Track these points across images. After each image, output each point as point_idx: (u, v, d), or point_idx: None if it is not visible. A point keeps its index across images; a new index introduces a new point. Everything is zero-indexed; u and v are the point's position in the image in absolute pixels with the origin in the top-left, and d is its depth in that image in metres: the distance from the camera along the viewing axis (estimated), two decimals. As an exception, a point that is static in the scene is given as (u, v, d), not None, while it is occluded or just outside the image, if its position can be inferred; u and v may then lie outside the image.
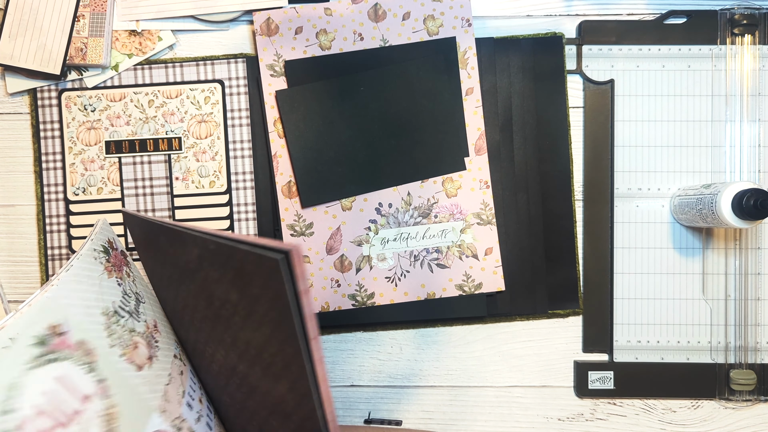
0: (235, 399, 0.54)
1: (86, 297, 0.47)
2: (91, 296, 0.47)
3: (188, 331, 0.56)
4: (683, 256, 0.64)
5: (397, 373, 0.64)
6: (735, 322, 0.63)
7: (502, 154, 0.63)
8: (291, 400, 0.44)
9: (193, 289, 0.50)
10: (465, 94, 0.62)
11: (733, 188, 0.55)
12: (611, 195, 0.64)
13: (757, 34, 0.63)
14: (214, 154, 0.64)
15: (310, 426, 0.43)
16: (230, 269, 0.42)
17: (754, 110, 0.63)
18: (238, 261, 0.40)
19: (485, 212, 0.62)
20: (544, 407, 0.64)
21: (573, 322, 0.64)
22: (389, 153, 0.62)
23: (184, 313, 0.55)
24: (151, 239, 0.54)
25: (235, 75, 0.64)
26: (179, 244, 0.49)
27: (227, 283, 0.44)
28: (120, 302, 0.51)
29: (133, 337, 0.51)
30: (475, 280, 0.62)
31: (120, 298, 0.51)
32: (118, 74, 0.64)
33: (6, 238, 0.65)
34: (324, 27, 0.62)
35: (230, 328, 0.48)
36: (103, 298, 0.49)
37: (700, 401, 0.64)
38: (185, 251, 0.48)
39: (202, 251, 0.45)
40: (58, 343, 0.42)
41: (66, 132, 0.64)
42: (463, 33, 0.62)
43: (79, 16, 0.62)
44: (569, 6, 0.65)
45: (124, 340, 0.49)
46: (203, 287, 0.48)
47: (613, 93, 0.64)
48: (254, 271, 0.39)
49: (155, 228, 0.51)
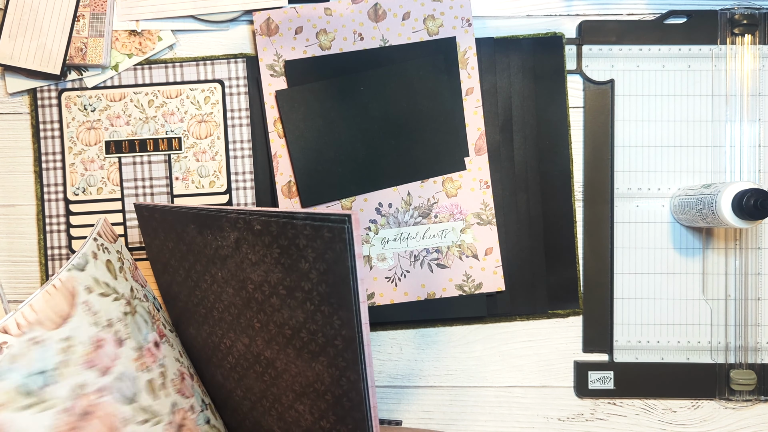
0: (253, 391, 0.54)
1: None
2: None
3: (201, 326, 0.56)
4: (683, 256, 0.64)
5: (397, 373, 0.64)
6: (735, 322, 0.63)
7: (502, 154, 0.63)
8: (327, 377, 0.46)
9: (220, 277, 0.51)
10: (465, 94, 0.62)
11: (733, 188, 0.55)
12: (611, 195, 0.64)
13: (757, 34, 0.63)
14: (214, 154, 0.64)
15: (346, 402, 0.45)
16: (276, 247, 0.44)
17: (754, 110, 0.63)
18: (288, 237, 0.43)
19: (485, 212, 0.62)
20: (544, 407, 0.64)
21: (573, 322, 0.64)
22: (389, 153, 0.62)
23: (201, 307, 0.55)
24: (174, 230, 0.54)
25: (235, 75, 0.64)
26: (215, 230, 0.49)
27: (269, 264, 0.45)
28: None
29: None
30: (475, 280, 0.62)
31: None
32: (118, 74, 0.64)
33: (6, 238, 0.65)
34: (324, 27, 0.62)
35: (262, 312, 0.49)
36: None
37: (700, 401, 0.64)
38: (221, 236, 0.49)
39: (243, 233, 0.46)
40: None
41: (66, 132, 0.64)
42: (463, 33, 0.62)
43: (79, 16, 0.62)
44: (569, 6, 0.65)
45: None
46: (235, 273, 0.49)
47: (613, 93, 0.64)
48: (307, 245, 0.42)
49: (184, 216, 0.52)
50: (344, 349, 0.44)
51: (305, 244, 0.43)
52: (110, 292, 0.50)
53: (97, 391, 0.46)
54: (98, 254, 0.51)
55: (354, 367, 0.43)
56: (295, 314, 0.46)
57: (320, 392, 0.47)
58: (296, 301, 0.45)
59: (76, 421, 0.45)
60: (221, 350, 0.55)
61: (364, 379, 0.43)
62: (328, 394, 0.47)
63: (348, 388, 0.45)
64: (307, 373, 0.47)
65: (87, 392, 0.46)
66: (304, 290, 0.44)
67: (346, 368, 0.44)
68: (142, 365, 0.50)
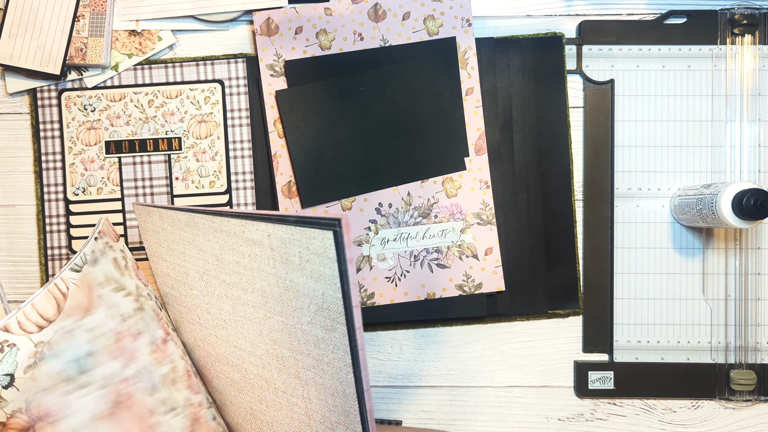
0: (248, 392, 0.54)
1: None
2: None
3: (195, 328, 0.56)
4: (683, 256, 0.64)
5: (397, 373, 0.64)
6: (735, 322, 0.63)
7: (502, 154, 0.63)
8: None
9: (214, 278, 0.52)
10: (465, 94, 0.62)
11: (733, 188, 0.55)
12: (611, 195, 0.64)
13: (757, 34, 0.63)
14: (214, 154, 0.64)
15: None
16: (269, 249, 0.45)
17: (754, 110, 0.63)
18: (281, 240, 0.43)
19: (485, 212, 0.62)
20: (544, 407, 0.64)
21: (573, 322, 0.64)
22: (389, 153, 0.62)
23: (196, 309, 0.55)
24: (165, 231, 0.54)
25: (235, 75, 0.64)
26: (209, 233, 0.50)
27: (263, 266, 0.46)
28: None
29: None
30: (475, 280, 0.62)
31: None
32: (118, 74, 0.64)
33: (6, 238, 0.65)
34: (324, 27, 0.62)
35: (255, 315, 0.49)
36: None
37: (700, 401, 0.64)
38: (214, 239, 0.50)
39: (233, 237, 0.47)
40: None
41: (66, 132, 0.64)
42: (463, 33, 0.62)
43: (79, 16, 0.62)
44: (569, 6, 0.65)
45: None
46: (229, 275, 0.50)
47: (613, 93, 0.64)
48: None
49: (189, 218, 0.52)
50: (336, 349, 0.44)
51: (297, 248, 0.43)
52: (120, 288, 0.51)
53: (124, 380, 0.49)
54: (106, 251, 0.52)
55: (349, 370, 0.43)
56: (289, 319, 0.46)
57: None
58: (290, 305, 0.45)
59: (112, 408, 0.48)
60: (215, 350, 0.55)
61: (359, 381, 0.43)
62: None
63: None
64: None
65: (115, 381, 0.49)
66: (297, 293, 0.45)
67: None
68: (157, 359, 0.52)
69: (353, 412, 0.44)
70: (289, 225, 0.42)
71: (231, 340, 0.52)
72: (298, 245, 0.42)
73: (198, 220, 0.50)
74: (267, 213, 0.44)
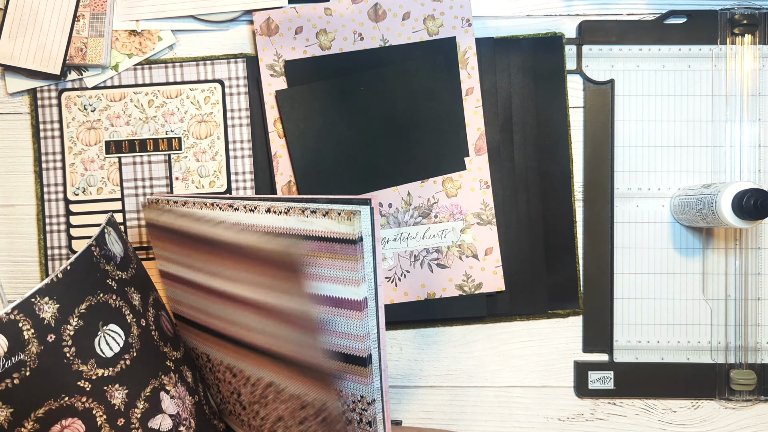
0: (253, 393, 0.55)
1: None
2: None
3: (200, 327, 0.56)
4: (683, 256, 0.64)
5: (397, 373, 0.64)
6: (735, 322, 0.63)
7: (502, 154, 0.63)
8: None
9: (226, 274, 0.52)
10: (465, 94, 0.62)
11: (733, 188, 0.55)
12: (611, 195, 0.63)
13: (757, 34, 0.63)
14: (214, 154, 0.64)
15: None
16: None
17: (754, 110, 0.63)
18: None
19: (485, 212, 0.62)
20: (544, 407, 0.64)
21: (573, 322, 0.64)
22: (389, 153, 0.62)
23: (216, 297, 0.55)
24: (173, 232, 0.55)
25: (235, 75, 0.64)
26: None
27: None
28: None
29: None
30: (475, 280, 0.62)
31: None
32: (118, 74, 0.64)
33: (6, 238, 0.65)
34: (324, 27, 0.62)
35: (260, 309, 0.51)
36: None
37: (700, 401, 0.64)
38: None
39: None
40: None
41: (66, 132, 0.64)
42: (463, 33, 0.62)
43: (79, 16, 0.62)
44: (569, 6, 0.65)
45: None
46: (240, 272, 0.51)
47: (613, 93, 0.64)
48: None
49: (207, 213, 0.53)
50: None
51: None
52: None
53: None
54: (116, 244, 0.53)
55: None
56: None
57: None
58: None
59: None
60: (217, 354, 0.55)
61: (379, 347, 0.48)
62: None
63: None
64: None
65: None
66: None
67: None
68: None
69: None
70: (319, 204, 0.47)
71: (240, 337, 0.52)
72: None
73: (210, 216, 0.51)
74: (295, 197, 0.48)
